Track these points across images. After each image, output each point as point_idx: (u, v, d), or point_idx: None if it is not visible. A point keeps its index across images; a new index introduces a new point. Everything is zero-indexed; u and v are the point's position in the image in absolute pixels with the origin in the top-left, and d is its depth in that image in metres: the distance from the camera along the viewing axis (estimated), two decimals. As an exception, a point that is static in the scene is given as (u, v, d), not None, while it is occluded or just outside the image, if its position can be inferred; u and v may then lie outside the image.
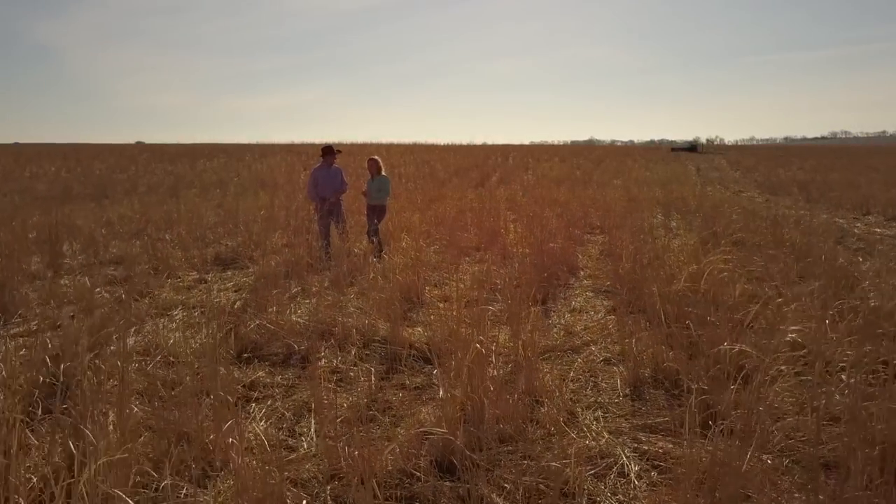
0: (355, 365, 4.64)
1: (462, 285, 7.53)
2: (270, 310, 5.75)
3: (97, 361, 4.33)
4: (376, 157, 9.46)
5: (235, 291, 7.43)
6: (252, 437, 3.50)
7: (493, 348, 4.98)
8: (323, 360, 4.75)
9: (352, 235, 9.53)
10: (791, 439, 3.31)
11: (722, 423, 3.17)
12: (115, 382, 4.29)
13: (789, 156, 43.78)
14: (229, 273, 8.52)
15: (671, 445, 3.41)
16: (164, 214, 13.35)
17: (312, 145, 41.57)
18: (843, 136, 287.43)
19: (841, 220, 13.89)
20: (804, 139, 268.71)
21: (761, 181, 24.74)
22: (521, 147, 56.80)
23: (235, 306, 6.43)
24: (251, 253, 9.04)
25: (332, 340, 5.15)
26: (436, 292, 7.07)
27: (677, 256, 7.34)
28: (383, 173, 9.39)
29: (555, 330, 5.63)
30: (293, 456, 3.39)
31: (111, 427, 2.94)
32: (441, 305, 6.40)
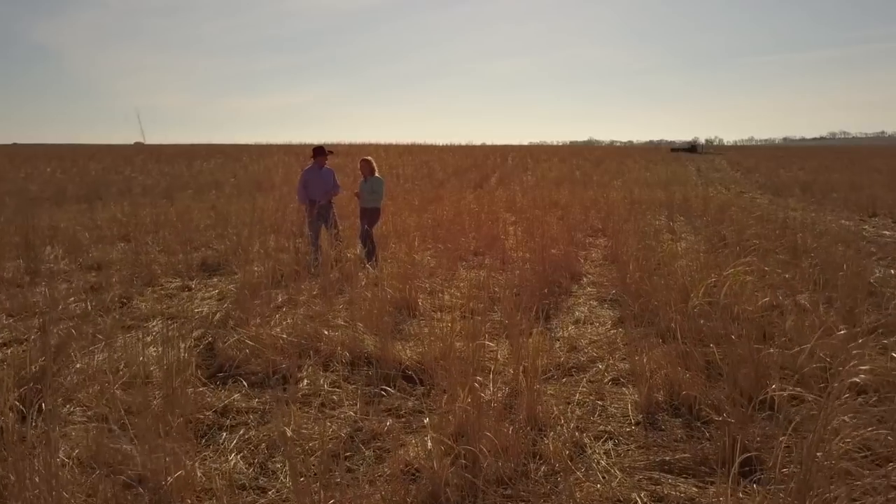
0: (339, 387, 4.22)
1: (459, 293, 7.14)
2: (252, 322, 5.32)
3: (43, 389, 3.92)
4: (369, 158, 9.05)
5: (219, 300, 7.01)
6: (218, 476, 3.09)
7: (492, 367, 4.58)
8: (305, 381, 4.34)
9: (344, 240, 9.11)
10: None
11: (760, 469, 2.74)
12: (71, 409, 3.89)
13: (789, 156, 43.38)
14: (215, 280, 8.10)
15: (695, 489, 2.98)
16: (154, 217, 12.97)
17: (311, 146, 41.02)
18: (842, 136, 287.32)
19: (847, 222, 13.52)
20: (803, 140, 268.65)
21: (763, 182, 24.39)
22: (520, 147, 56.41)
23: (216, 318, 6.02)
24: (239, 258, 8.62)
25: (317, 358, 4.73)
26: (431, 301, 6.66)
27: (688, 263, 6.92)
28: (377, 174, 8.97)
29: (558, 344, 5.21)
30: (262, 501, 2.98)
31: (36, 479, 2.52)
32: (436, 316, 5.99)
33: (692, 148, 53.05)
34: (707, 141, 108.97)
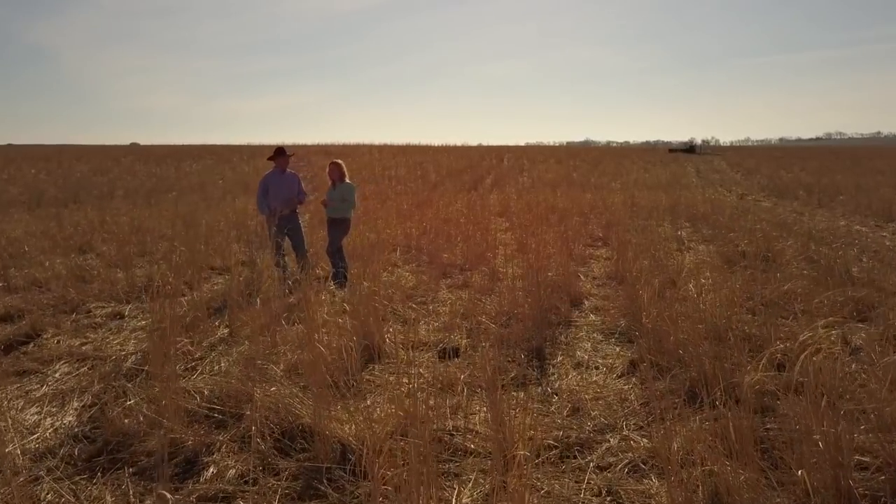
0: (254, 481, 3.07)
1: (437, 321, 6.01)
2: (163, 374, 4.13)
3: None
4: (339, 161, 7.89)
5: (154, 331, 5.83)
6: None
7: (464, 437, 3.45)
8: (211, 470, 3.18)
9: (312, 257, 7.96)
10: None
11: None
12: None
13: (788, 157, 42.25)
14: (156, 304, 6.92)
15: None
16: (119, 225, 11.87)
17: (305, 146, 39.95)
18: (839, 136, 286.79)
19: (862, 228, 12.46)
20: (799, 140, 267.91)
21: (765, 184, 23.39)
22: (516, 148, 55.15)
23: (129, 363, 4.86)
24: (190, 278, 7.46)
25: (237, 429, 3.57)
26: (404, 333, 5.50)
27: (714, 291, 5.78)
28: (348, 180, 7.81)
29: (555, 402, 4.07)
30: None
31: None
32: (405, 357, 4.85)
33: (690, 148, 51.84)
34: (704, 141, 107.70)
